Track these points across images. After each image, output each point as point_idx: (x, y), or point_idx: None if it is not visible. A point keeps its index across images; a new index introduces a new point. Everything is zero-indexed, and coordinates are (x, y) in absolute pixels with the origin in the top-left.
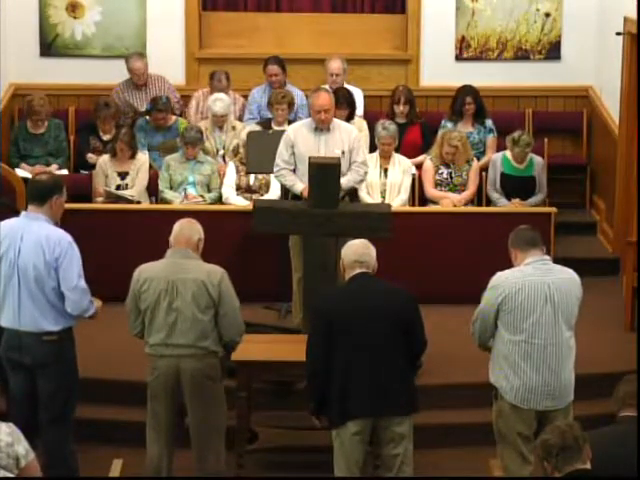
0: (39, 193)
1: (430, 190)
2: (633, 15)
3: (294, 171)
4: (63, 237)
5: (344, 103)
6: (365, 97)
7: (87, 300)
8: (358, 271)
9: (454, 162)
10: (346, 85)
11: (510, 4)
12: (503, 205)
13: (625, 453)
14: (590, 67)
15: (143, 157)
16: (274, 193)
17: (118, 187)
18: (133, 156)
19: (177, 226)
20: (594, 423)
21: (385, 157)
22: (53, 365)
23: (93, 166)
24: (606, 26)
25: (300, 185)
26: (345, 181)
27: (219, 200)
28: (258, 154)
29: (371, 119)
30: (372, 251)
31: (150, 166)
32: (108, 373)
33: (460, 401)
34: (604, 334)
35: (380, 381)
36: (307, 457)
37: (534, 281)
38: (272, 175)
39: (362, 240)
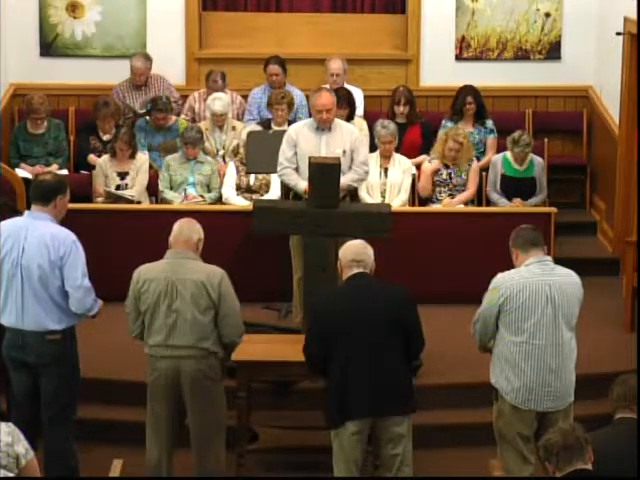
0: (44, 193)
1: (422, 184)
2: (633, 15)
3: (296, 170)
4: (68, 236)
5: (344, 103)
6: (365, 97)
7: (91, 299)
8: (356, 271)
9: (456, 160)
10: (346, 85)
11: (510, 4)
12: (503, 205)
13: (623, 455)
14: (590, 67)
15: (143, 157)
16: (274, 193)
17: (118, 187)
18: (133, 156)
19: (177, 226)
20: (594, 423)
21: (385, 157)
22: (56, 364)
23: (93, 166)
24: (606, 26)
25: (303, 183)
26: (343, 180)
27: (219, 200)
28: (258, 154)
29: (371, 119)
30: (369, 251)
31: (150, 166)
32: (108, 373)
33: (460, 401)
34: (604, 334)
35: (379, 381)
36: (307, 457)
37: (535, 282)
38: (272, 175)
39: (359, 240)
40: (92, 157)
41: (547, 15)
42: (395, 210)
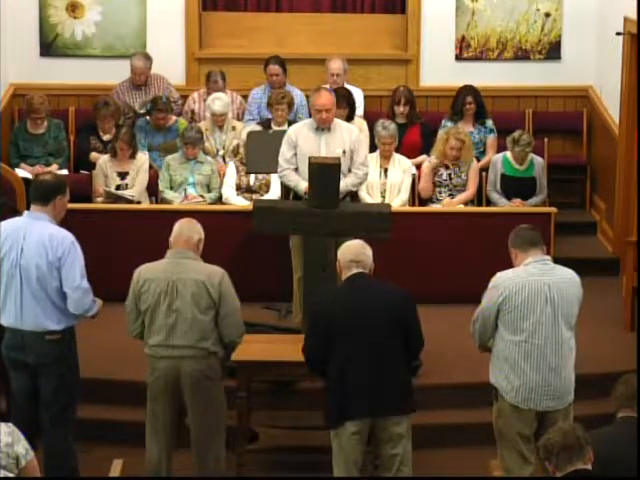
0: (43, 193)
1: (423, 185)
2: (633, 15)
3: (296, 170)
4: (66, 237)
5: (344, 103)
6: (365, 97)
7: (89, 299)
8: (355, 271)
9: (458, 159)
10: (346, 85)
11: (510, 4)
12: (503, 205)
13: (624, 454)
14: (590, 67)
15: (143, 157)
16: (274, 193)
17: (118, 187)
18: (133, 156)
19: (177, 226)
20: (594, 423)
21: (385, 157)
22: (56, 364)
23: (93, 166)
24: (606, 26)
25: (304, 184)
26: (342, 184)
27: (219, 200)
28: (258, 154)
29: (371, 119)
30: (368, 251)
31: (150, 166)
32: (108, 373)
33: (460, 401)
34: (604, 334)
35: (378, 381)
36: (307, 457)
37: (534, 281)
38: (272, 175)
39: (358, 240)
40: (94, 155)
41: (547, 15)
42: (395, 210)
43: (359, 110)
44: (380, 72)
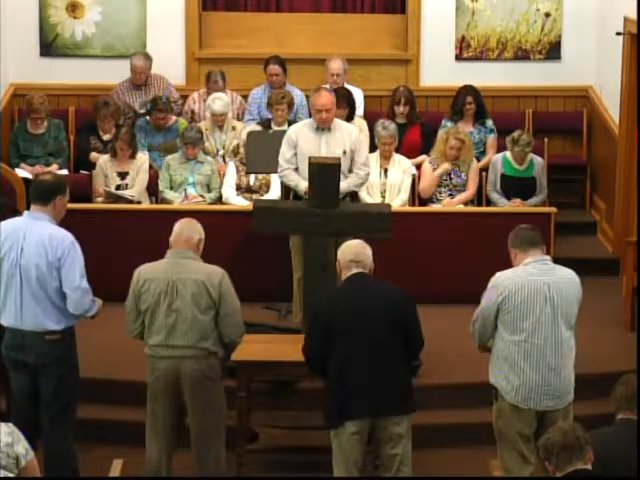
0: (43, 193)
1: (423, 185)
2: (633, 15)
3: (296, 170)
4: (66, 237)
5: (344, 103)
6: (365, 97)
7: (89, 300)
8: (355, 271)
9: (458, 159)
10: (346, 85)
11: (510, 4)
12: (503, 205)
13: (624, 454)
14: (590, 67)
15: (143, 157)
16: (274, 193)
17: (118, 187)
18: (133, 156)
19: (177, 226)
20: (594, 423)
21: (385, 157)
22: (56, 364)
23: (94, 166)
24: (606, 26)
25: (304, 183)
26: (345, 185)
27: (219, 200)
28: (258, 154)
29: (371, 119)
30: (368, 251)
31: (150, 166)
32: (108, 373)
33: (460, 401)
34: (604, 334)
35: (378, 381)
36: (307, 457)
37: (534, 281)
38: (272, 175)
39: (358, 240)
40: (94, 155)
41: (547, 15)
42: (395, 210)
43: (359, 110)
44: (380, 72)
